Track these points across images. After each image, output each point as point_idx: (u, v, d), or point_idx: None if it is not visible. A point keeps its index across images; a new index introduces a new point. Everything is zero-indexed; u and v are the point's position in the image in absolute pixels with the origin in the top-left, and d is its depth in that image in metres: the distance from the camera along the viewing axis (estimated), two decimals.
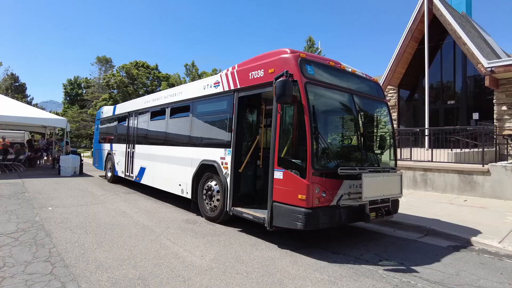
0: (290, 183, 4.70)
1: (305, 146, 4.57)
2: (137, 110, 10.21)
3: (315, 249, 5.01)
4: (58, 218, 6.26)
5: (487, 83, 14.12)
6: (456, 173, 9.53)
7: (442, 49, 17.94)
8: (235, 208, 5.77)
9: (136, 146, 10.01)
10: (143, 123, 9.73)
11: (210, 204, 6.39)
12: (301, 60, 4.93)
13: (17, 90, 50.53)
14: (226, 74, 6.25)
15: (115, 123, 12.19)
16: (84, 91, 55.56)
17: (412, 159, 11.14)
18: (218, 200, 6.23)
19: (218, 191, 6.24)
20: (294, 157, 4.75)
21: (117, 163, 11.43)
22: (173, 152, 7.82)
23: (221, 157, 6.13)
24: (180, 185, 7.42)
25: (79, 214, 6.71)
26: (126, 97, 36.05)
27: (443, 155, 10.60)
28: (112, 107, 13.20)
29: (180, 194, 7.40)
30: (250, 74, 5.65)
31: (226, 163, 6.00)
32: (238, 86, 5.89)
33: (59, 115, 29.25)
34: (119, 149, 11.36)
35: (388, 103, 6.22)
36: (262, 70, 5.39)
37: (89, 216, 6.57)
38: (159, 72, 46.36)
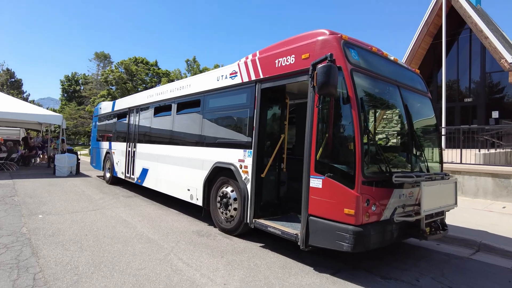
0: (332, 193, 3.82)
1: (353, 147, 3.70)
2: (139, 105, 9.30)
3: (359, 271, 4.14)
4: (49, 229, 5.37)
5: (510, 79, 13.29)
6: (490, 176, 8.68)
7: (458, 43, 17.07)
8: (257, 220, 4.89)
9: (138, 145, 9.10)
10: (146, 119, 8.83)
11: (226, 214, 5.51)
12: (344, 43, 4.05)
13: (12, 86, 49.42)
14: (246, 63, 5.35)
15: (115, 119, 11.28)
16: (82, 88, 54.53)
17: None
18: (235, 209, 5.36)
19: (235, 199, 5.36)
20: (337, 162, 3.88)
21: (117, 163, 10.52)
22: (181, 152, 6.92)
23: (240, 159, 5.25)
24: (189, 190, 6.53)
25: (74, 223, 5.82)
26: (125, 93, 35.04)
27: (469, 156, 9.75)
28: (111, 102, 12.27)
29: (189, 200, 6.51)
30: (276, 61, 4.76)
31: (245, 167, 5.11)
32: (261, 76, 5.00)
33: (56, 112, 28.27)
34: (119, 148, 10.45)
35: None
36: (293, 56, 4.50)
37: (86, 226, 5.68)
38: (159, 69, 45.35)
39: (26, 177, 12.01)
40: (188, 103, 6.98)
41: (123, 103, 10.75)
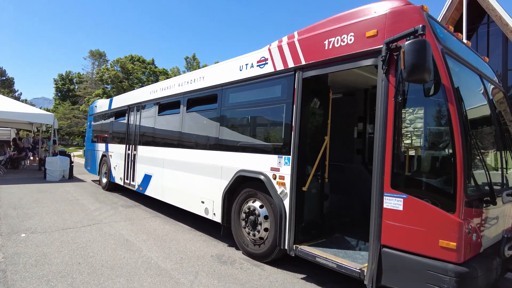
0: (419, 218, 2.78)
1: (451, 155, 2.66)
2: (140, 102, 8.19)
3: None
4: (32, 255, 4.26)
5: None
6: None
7: (477, 37, 16.18)
8: (300, 247, 3.83)
9: (139, 147, 8.00)
10: (148, 118, 7.72)
11: (253, 235, 4.44)
12: (428, 16, 3.04)
13: (3, 84, 47.88)
14: (280, 47, 4.29)
15: (112, 119, 10.14)
16: (76, 87, 53.00)
17: None
18: (266, 230, 4.29)
19: (266, 217, 4.30)
20: (427, 175, 2.85)
21: (114, 168, 9.39)
22: (192, 157, 5.84)
23: (273, 167, 4.19)
24: (203, 202, 5.45)
25: (64, 245, 4.72)
26: (121, 92, 33.70)
27: None
28: (107, 100, 11.14)
29: (203, 215, 5.44)
30: (325, 42, 3.70)
31: (281, 177, 4.05)
32: (303, 62, 3.94)
33: (49, 112, 26.93)
34: (117, 151, 9.32)
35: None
36: (351, 34, 3.45)
37: (79, 249, 4.58)
38: (156, 67, 44.09)
39: (13, 182, 10.83)
40: (201, 99, 5.90)
41: (121, 101, 9.63)
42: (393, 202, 2.93)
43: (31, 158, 17.98)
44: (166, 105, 7.03)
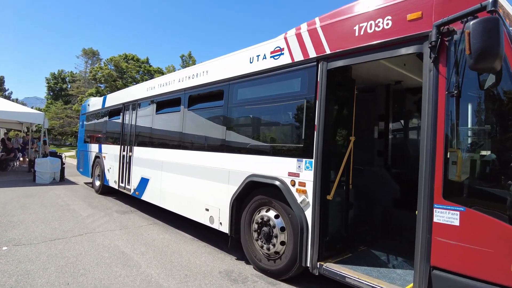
0: (484, 236, 2.29)
1: None
2: (136, 100, 7.62)
3: None
4: (12, 274, 3.70)
5: None
6: None
7: None
8: (325, 265, 3.32)
9: (135, 148, 7.43)
10: (145, 117, 7.16)
11: (268, 249, 3.91)
12: None
13: None
14: (298, 35, 3.78)
15: (106, 118, 9.54)
16: (69, 86, 51.98)
17: None
18: (283, 243, 3.77)
19: (282, 229, 3.78)
20: (493, 184, 2.35)
21: (108, 170, 8.80)
22: (195, 159, 5.30)
23: (291, 172, 3.67)
24: (207, 210, 4.92)
25: (51, 260, 4.15)
26: (114, 91, 33.04)
27: None
28: (101, 98, 10.53)
29: (208, 224, 4.90)
30: (356, 28, 3.20)
31: (301, 184, 3.54)
32: (327, 52, 3.43)
33: (41, 111, 26.11)
34: (111, 152, 8.73)
35: None
36: (388, 17, 2.95)
37: (68, 265, 4.02)
38: (150, 66, 43.32)
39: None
40: (204, 96, 5.37)
41: (116, 99, 9.04)
42: (446, 216, 2.44)
43: (21, 159, 17.24)
44: (165, 103, 6.48)
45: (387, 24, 2.96)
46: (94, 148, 10.14)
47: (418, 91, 5.19)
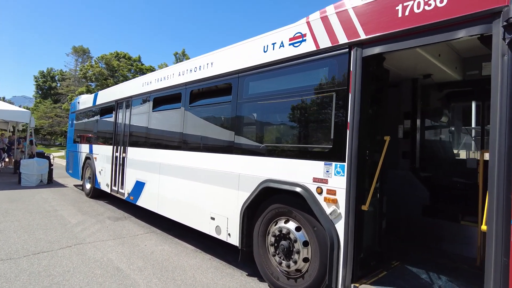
0: None
1: None
2: (131, 97, 7.02)
3: None
4: None
5: None
6: None
7: None
8: (360, 287, 2.80)
9: (129, 149, 6.83)
10: (141, 115, 6.56)
11: (288, 266, 3.38)
12: None
13: None
14: (324, 18, 3.25)
15: (97, 116, 8.90)
16: (58, 84, 50.72)
17: None
18: (306, 260, 3.24)
19: (305, 243, 3.25)
20: None
21: (99, 172, 8.17)
22: (198, 161, 4.74)
23: (317, 177, 3.14)
24: (213, 218, 4.37)
25: (33, 280, 3.56)
26: None
27: None
28: (92, 95, 9.88)
29: (214, 234, 4.35)
30: (399, 7, 2.69)
31: (331, 191, 3.01)
32: (362, 37, 2.91)
33: (29, 110, 25.13)
34: (103, 153, 8.10)
35: None
36: None
37: (52, 286, 3.43)
38: (142, 64, 42.42)
39: None
40: (209, 90, 4.82)
41: (108, 95, 8.41)
42: None
43: (6, 159, 16.42)
44: (163, 99, 5.90)
45: (440, 2, 2.45)
46: (84, 148, 9.48)
47: (448, 86, 4.78)
